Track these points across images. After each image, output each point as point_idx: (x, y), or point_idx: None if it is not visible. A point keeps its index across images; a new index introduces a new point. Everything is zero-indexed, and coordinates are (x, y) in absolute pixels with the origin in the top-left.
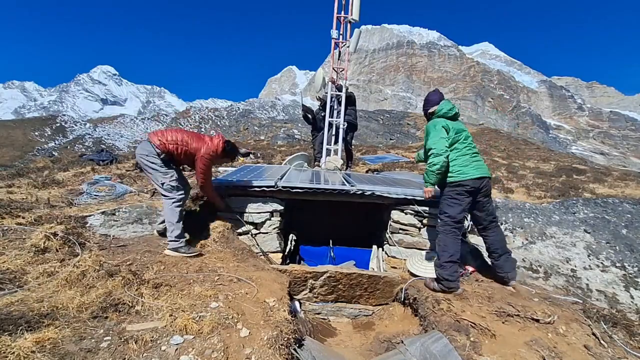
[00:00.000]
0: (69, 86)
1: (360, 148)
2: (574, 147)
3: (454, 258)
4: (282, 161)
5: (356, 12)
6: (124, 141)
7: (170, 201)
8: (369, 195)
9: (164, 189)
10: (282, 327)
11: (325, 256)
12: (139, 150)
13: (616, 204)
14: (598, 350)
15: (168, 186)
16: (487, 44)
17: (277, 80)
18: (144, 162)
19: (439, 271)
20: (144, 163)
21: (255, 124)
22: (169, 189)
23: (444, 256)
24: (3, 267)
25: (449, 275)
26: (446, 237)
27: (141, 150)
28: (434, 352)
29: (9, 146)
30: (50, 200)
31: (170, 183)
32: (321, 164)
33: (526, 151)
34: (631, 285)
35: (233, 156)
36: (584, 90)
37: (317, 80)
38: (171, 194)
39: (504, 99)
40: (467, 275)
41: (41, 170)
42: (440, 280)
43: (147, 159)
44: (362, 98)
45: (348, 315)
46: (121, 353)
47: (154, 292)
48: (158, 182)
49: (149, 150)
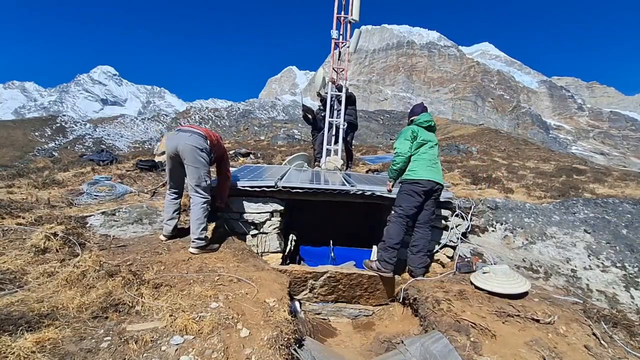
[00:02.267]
0: (69, 86)
1: (360, 148)
2: (574, 147)
3: (396, 246)
4: (282, 161)
5: (356, 12)
6: (124, 141)
7: (203, 199)
8: (369, 196)
9: (201, 187)
10: (282, 327)
11: (326, 256)
12: (189, 141)
13: (616, 204)
14: (598, 350)
15: (205, 185)
16: (487, 44)
17: (277, 80)
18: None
19: (382, 253)
20: (194, 156)
21: (255, 124)
22: (206, 188)
23: (389, 242)
24: (3, 267)
25: (389, 259)
26: (395, 225)
27: (193, 142)
28: (434, 352)
29: (9, 146)
30: (51, 200)
31: (209, 182)
32: (321, 164)
33: (526, 151)
34: (631, 285)
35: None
36: (584, 91)
37: (317, 80)
38: (206, 193)
39: (504, 99)
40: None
41: (41, 170)
42: (380, 261)
43: (199, 152)
44: (362, 98)
45: (348, 316)
46: (121, 353)
47: (154, 292)
48: (199, 179)
49: (201, 144)
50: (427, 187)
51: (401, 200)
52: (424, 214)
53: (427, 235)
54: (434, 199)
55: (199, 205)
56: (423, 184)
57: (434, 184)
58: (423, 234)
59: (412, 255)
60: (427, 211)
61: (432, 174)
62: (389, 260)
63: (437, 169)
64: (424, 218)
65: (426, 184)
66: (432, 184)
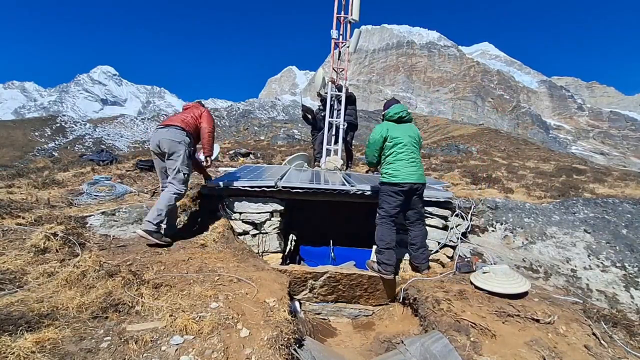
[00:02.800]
0: (69, 86)
1: (360, 148)
2: (574, 147)
3: (390, 245)
4: (282, 161)
5: (356, 12)
6: (124, 141)
7: (174, 189)
8: (369, 195)
9: (177, 178)
10: (282, 327)
11: (326, 256)
12: (167, 135)
13: (616, 204)
14: (598, 350)
15: (182, 177)
16: (487, 44)
17: (277, 80)
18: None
19: (379, 256)
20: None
21: (255, 124)
22: (182, 180)
23: (381, 244)
24: (3, 267)
25: (387, 260)
26: (382, 228)
27: (171, 136)
28: (434, 352)
29: (9, 146)
30: (50, 200)
31: (187, 174)
32: (321, 164)
33: (526, 151)
34: (631, 285)
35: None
36: (584, 90)
37: (317, 80)
38: (180, 185)
39: (504, 99)
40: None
41: (41, 170)
42: (380, 264)
43: (177, 145)
44: (362, 98)
45: (348, 316)
46: (121, 353)
47: (154, 292)
48: (176, 171)
49: (177, 136)
50: (406, 187)
51: (382, 201)
52: (412, 212)
53: (422, 232)
54: (417, 196)
55: (168, 193)
56: (402, 186)
57: (413, 184)
58: (418, 232)
59: (414, 254)
60: (414, 209)
61: (411, 175)
62: (387, 262)
63: (416, 167)
64: (414, 216)
65: (405, 185)
66: (410, 184)
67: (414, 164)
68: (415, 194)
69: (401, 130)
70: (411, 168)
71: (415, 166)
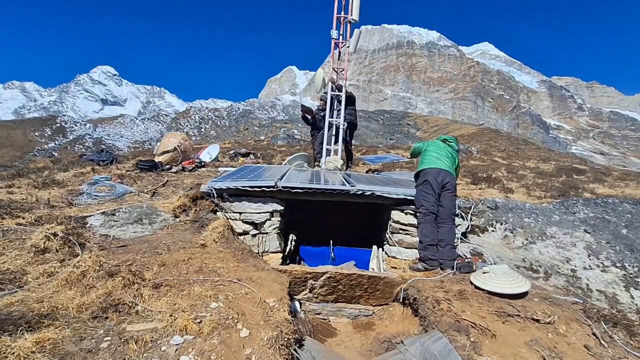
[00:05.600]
0: (69, 86)
1: (360, 148)
2: (574, 147)
3: (433, 242)
4: (282, 161)
5: (356, 12)
6: (124, 141)
7: None
8: (369, 196)
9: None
10: (282, 327)
11: (326, 256)
12: None
13: (616, 204)
14: (598, 350)
15: None
16: (487, 44)
17: (277, 80)
18: None
19: (423, 253)
20: None
21: (255, 124)
22: None
23: (425, 241)
24: (3, 267)
25: (432, 255)
26: (424, 225)
27: None
28: (434, 352)
29: (9, 146)
30: (50, 200)
31: None
32: (321, 164)
33: (526, 151)
34: (631, 285)
35: None
36: (584, 90)
37: (317, 80)
38: None
39: (504, 99)
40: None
41: (41, 170)
42: (425, 260)
43: None
44: (362, 98)
45: (348, 316)
46: (121, 353)
47: (154, 292)
48: None
49: None
50: (432, 174)
51: (418, 200)
52: (443, 210)
53: (451, 229)
54: (448, 193)
55: None
56: (427, 172)
57: (438, 170)
58: (447, 228)
59: (441, 249)
60: (445, 207)
61: (435, 164)
62: (432, 257)
63: (441, 160)
64: (445, 213)
65: (430, 172)
66: (435, 171)
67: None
68: (445, 190)
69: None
70: (437, 160)
71: (441, 160)
